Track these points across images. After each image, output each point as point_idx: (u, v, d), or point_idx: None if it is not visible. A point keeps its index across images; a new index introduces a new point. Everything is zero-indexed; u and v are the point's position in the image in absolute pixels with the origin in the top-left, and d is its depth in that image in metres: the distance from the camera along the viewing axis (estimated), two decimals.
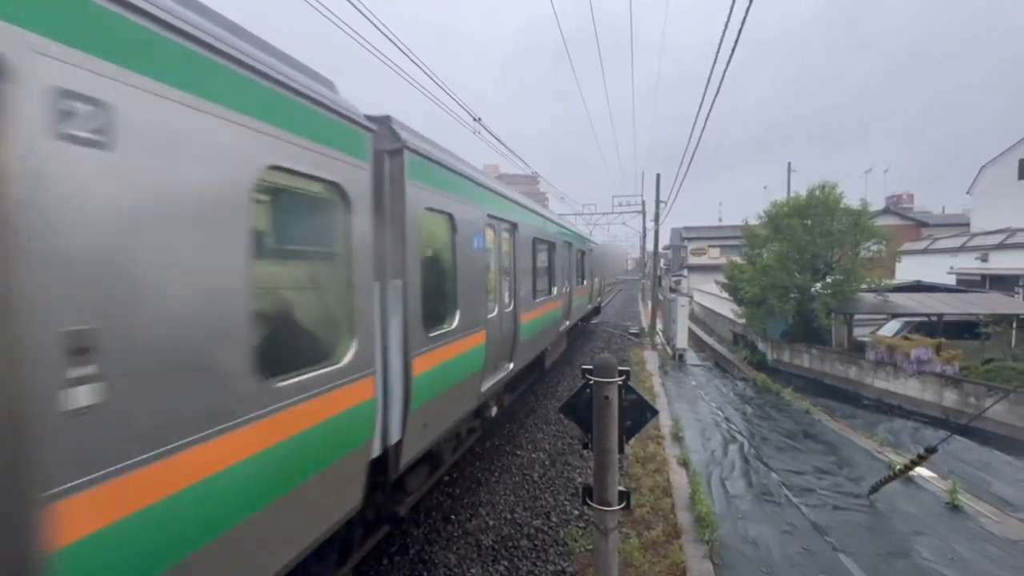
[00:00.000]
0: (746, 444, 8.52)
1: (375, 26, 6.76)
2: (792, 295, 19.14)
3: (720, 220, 58.99)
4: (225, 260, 2.04)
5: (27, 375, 1.37)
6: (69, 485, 1.44)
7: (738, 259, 23.27)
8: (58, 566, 1.42)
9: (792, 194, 22.45)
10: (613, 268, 16.86)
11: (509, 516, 5.31)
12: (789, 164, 30.81)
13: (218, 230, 1.99)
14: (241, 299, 2.11)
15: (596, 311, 20.70)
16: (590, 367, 2.75)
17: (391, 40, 7.24)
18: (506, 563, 4.49)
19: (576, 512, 5.48)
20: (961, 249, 25.08)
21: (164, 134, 1.77)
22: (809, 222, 18.86)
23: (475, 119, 11.45)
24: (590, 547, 4.58)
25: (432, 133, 4.39)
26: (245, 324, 2.13)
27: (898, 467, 6.34)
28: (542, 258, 8.87)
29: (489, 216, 5.62)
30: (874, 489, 6.35)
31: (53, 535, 1.41)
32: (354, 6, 6.06)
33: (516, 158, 16.78)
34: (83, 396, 1.47)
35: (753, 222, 22.06)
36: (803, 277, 19.03)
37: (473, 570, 4.37)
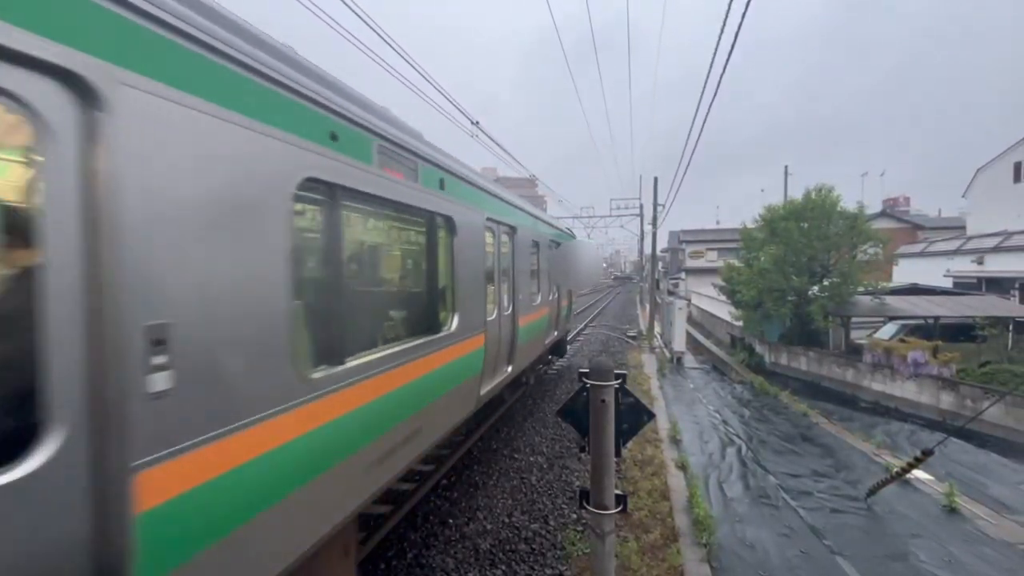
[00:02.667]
0: (744, 447, 8.53)
1: (375, 31, 6.78)
2: (789, 298, 19.19)
3: (718, 223, 59.17)
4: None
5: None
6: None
7: (735, 262, 23.33)
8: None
9: (789, 197, 22.53)
10: (586, 273, 9.73)
11: (507, 520, 5.30)
12: (786, 168, 30.92)
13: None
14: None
15: (559, 346, 11.94)
16: (587, 370, 2.75)
17: (390, 45, 7.26)
18: (504, 567, 4.48)
19: (574, 516, 5.47)
20: (957, 252, 25.17)
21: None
22: (806, 225, 18.92)
23: (473, 123, 11.48)
24: (588, 551, 4.57)
25: (430, 136, 4.41)
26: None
27: (895, 470, 6.36)
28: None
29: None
30: (871, 492, 6.36)
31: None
32: (353, 11, 6.08)
33: (514, 161, 16.82)
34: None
35: (750, 225, 22.12)
36: (800, 280, 19.09)
37: (470, 574, 4.36)
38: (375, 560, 4.45)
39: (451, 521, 5.22)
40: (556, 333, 10.42)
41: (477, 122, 11.46)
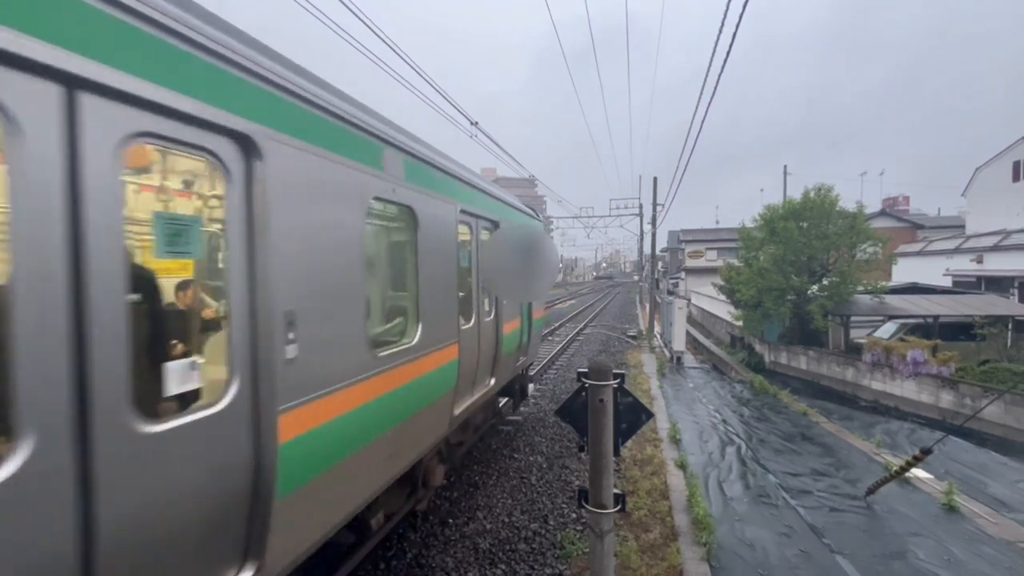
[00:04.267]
0: (743, 446, 8.53)
1: (375, 32, 6.79)
2: (788, 297, 19.20)
3: (717, 223, 59.19)
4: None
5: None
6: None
7: (735, 262, 23.34)
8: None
9: (788, 197, 22.56)
10: (541, 276, 3.77)
11: (507, 519, 5.31)
12: (785, 167, 30.95)
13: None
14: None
15: (515, 387, 7.84)
16: (585, 370, 2.76)
17: (391, 47, 7.27)
18: (504, 567, 4.49)
19: (573, 515, 5.48)
20: (956, 251, 25.20)
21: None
22: (805, 225, 18.94)
23: (472, 123, 11.49)
24: (587, 550, 4.58)
25: (430, 136, 4.41)
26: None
27: (894, 468, 6.36)
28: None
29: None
30: (871, 491, 6.37)
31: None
32: (352, 12, 6.09)
33: (514, 161, 16.83)
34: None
35: (749, 225, 22.14)
36: (799, 280, 19.11)
37: (470, 574, 4.36)
38: (375, 560, 4.45)
39: (451, 521, 5.23)
40: (523, 358, 7.42)
41: (476, 123, 11.47)
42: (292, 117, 2.47)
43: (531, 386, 9.05)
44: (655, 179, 22.71)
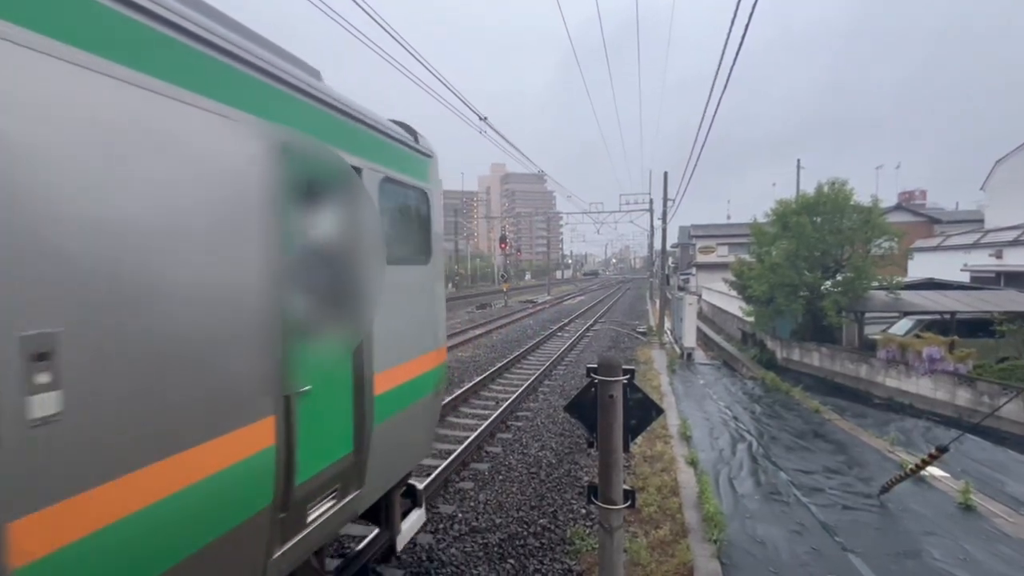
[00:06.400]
0: (755, 443, 8.47)
1: (386, 30, 6.80)
2: (801, 293, 18.98)
3: (729, 218, 58.62)
4: None
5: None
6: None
7: (747, 257, 23.11)
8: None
9: (801, 192, 22.26)
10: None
11: (516, 514, 5.33)
12: (798, 161, 30.55)
13: None
14: None
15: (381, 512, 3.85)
16: (595, 366, 2.75)
17: (400, 42, 7.27)
18: (513, 561, 4.50)
19: (583, 511, 5.48)
20: (975, 246, 24.72)
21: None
22: (818, 219, 18.68)
23: (481, 118, 11.47)
24: (597, 546, 4.58)
25: (439, 132, 4.41)
26: None
27: (909, 467, 6.28)
28: None
29: None
30: (884, 489, 6.29)
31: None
32: (361, 8, 6.10)
33: (523, 156, 16.80)
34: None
35: (762, 220, 21.90)
36: (812, 275, 18.87)
37: (480, 568, 4.39)
38: (385, 555, 4.49)
39: (460, 515, 5.26)
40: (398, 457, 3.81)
41: (485, 118, 11.44)
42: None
43: (415, 514, 4.07)
44: (665, 174, 22.52)
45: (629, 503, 2.74)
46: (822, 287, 18.73)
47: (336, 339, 2.67)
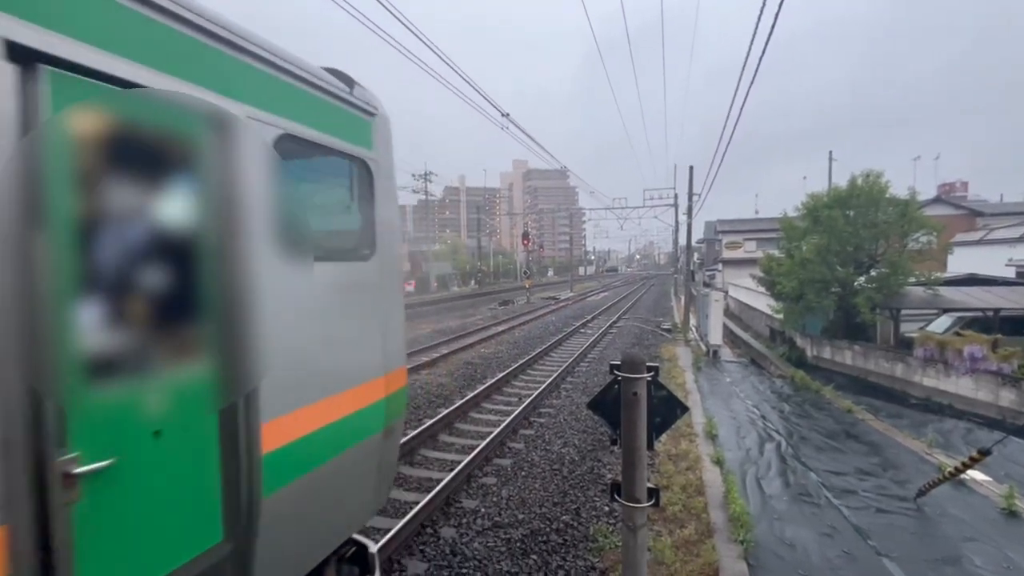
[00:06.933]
0: (783, 443, 8.28)
1: (406, 26, 6.85)
2: (833, 289, 18.43)
3: (756, 213, 57.26)
4: None
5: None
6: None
7: (776, 252, 22.54)
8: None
9: (833, 184, 21.57)
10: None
11: (538, 511, 5.33)
12: (830, 153, 29.59)
13: None
14: None
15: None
16: (618, 363, 2.72)
17: (423, 41, 7.32)
18: (536, 557, 4.51)
19: (606, 508, 5.45)
20: (1021, 240, 23.54)
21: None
22: (851, 213, 18.08)
23: (503, 115, 11.46)
24: (620, 544, 4.55)
25: (461, 128, 4.39)
26: None
27: (948, 470, 6.04)
28: None
29: None
30: (921, 492, 6.07)
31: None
32: (384, 6, 6.15)
33: (545, 153, 16.73)
34: None
35: (792, 214, 21.34)
36: (845, 271, 18.28)
37: (503, 563, 4.41)
38: (408, 546, 4.56)
39: (483, 510, 5.29)
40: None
41: (507, 114, 11.43)
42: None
43: None
44: (691, 168, 22.12)
45: (653, 501, 2.71)
46: (855, 283, 18.14)
47: (172, 376, 1.72)
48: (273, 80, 2.23)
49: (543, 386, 9.99)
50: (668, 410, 2.82)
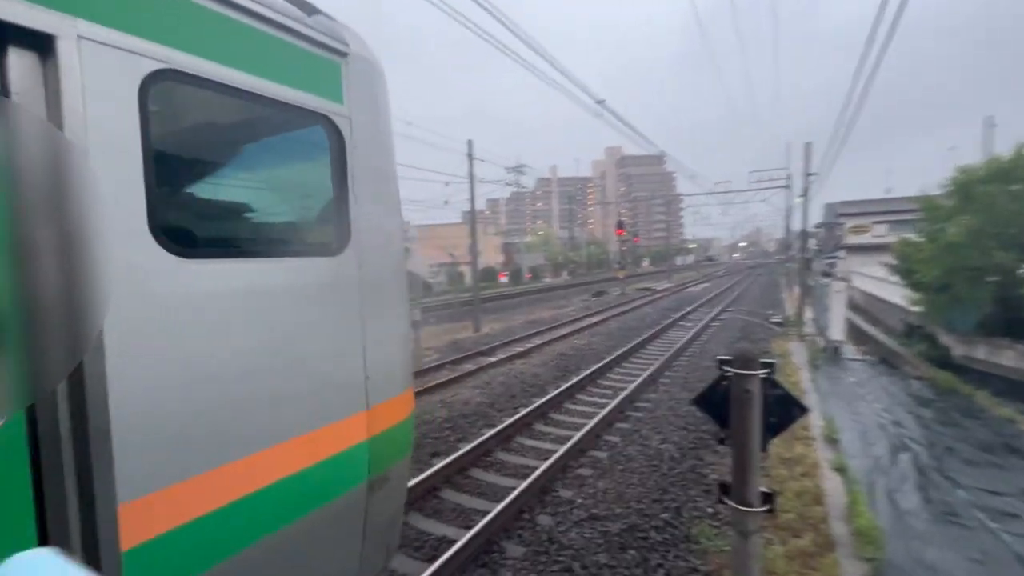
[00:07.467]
0: (923, 453, 7.27)
1: (498, 19, 6.95)
2: (989, 279, 15.71)
3: (888, 192, 50.46)
4: None
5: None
6: None
7: (912, 236, 19.72)
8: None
9: (991, 155, 18.31)
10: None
11: (636, 506, 5.22)
12: (990, 119, 25.10)
13: None
14: None
15: None
16: (728, 358, 2.57)
17: (519, 36, 7.38)
18: (634, 552, 4.43)
19: (710, 510, 5.19)
20: None
21: None
22: (1015, 188, 15.25)
23: (597, 101, 11.21)
24: (726, 547, 4.31)
25: (551, 117, 4.38)
26: None
27: None
28: None
29: None
30: None
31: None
32: (486, 10, 6.29)
33: (641, 138, 16.13)
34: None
35: (934, 192, 18.51)
36: (1006, 256, 15.49)
37: (600, 555, 4.39)
38: (507, 531, 4.70)
39: (579, 501, 5.29)
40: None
41: (602, 100, 11.17)
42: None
43: None
44: (807, 144, 20.03)
45: (768, 507, 2.53)
46: (1020, 271, 15.31)
47: None
48: None
49: (639, 379, 9.72)
50: (784, 410, 2.61)
